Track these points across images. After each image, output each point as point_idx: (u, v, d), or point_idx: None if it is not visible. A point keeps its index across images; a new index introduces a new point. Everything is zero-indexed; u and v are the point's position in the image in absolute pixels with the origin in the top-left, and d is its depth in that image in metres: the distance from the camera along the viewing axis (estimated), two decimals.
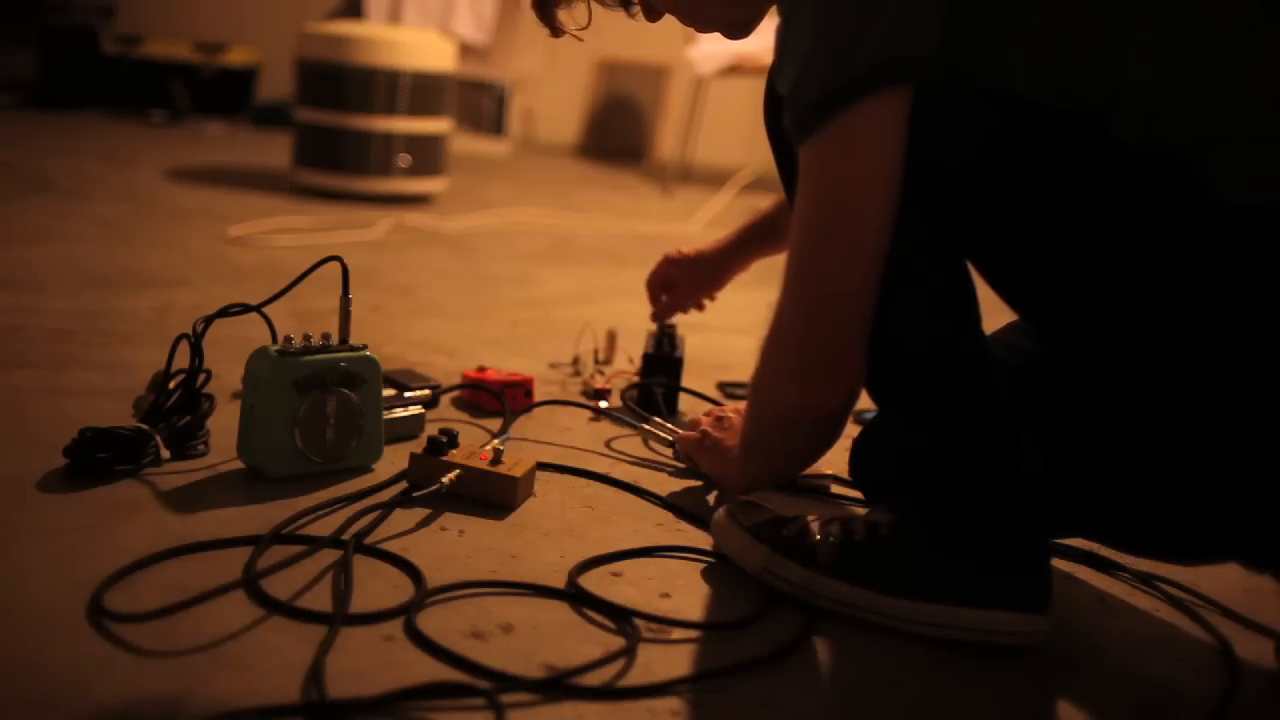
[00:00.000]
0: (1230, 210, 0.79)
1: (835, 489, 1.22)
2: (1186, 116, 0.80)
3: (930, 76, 0.84)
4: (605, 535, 1.04)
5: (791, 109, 0.87)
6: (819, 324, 0.89)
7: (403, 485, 1.09)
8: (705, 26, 1.07)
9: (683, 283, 1.47)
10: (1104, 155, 0.82)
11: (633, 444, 1.32)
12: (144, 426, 1.08)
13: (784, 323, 0.91)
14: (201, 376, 1.13)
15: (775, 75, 0.91)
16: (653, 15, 1.06)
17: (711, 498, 1.17)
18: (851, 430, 1.12)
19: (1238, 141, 0.80)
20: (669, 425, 1.31)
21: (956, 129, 0.85)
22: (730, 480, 1.12)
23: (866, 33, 0.82)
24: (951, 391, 0.89)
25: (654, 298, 1.50)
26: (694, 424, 1.23)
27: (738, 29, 1.05)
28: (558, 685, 0.77)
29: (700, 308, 1.52)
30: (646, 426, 1.32)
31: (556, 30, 1.05)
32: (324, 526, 0.98)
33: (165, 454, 1.08)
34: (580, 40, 1.03)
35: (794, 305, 0.90)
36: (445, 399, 1.41)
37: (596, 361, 1.61)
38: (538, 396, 1.42)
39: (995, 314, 0.96)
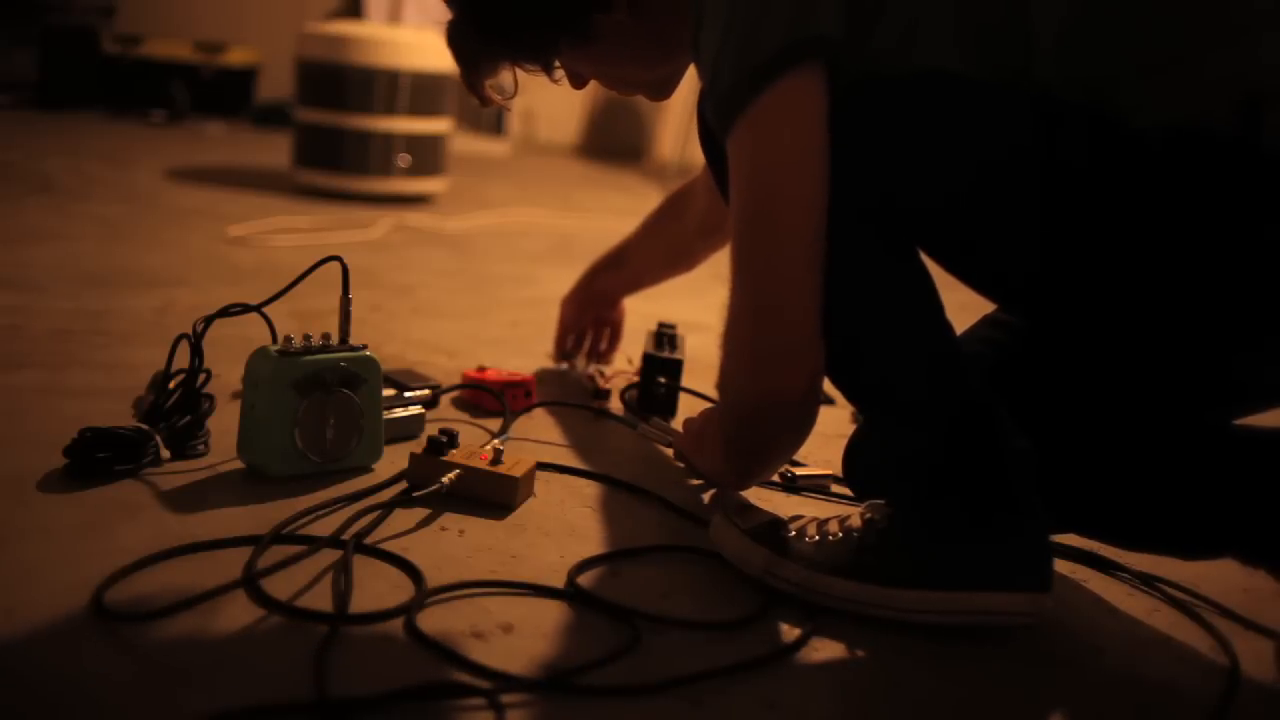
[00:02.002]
0: (1156, 138, 0.79)
1: (834, 489, 1.22)
2: (1097, 55, 0.81)
3: (848, 65, 0.85)
4: (605, 535, 1.04)
5: (711, 105, 0.89)
6: (767, 311, 0.89)
7: (403, 485, 1.09)
8: (628, 90, 1.12)
9: (566, 319, 1.58)
10: (1046, 118, 0.82)
11: (633, 444, 1.32)
12: (144, 426, 1.08)
13: (735, 315, 0.91)
14: (201, 376, 1.13)
15: (700, 99, 0.93)
16: (578, 82, 1.11)
17: (708, 496, 1.17)
18: (848, 430, 1.12)
19: (1150, 69, 0.80)
20: (668, 425, 1.31)
21: (894, 118, 0.86)
22: (719, 476, 1.12)
23: (768, 19, 0.84)
24: (924, 376, 0.90)
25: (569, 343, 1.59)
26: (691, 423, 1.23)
27: (656, 90, 1.11)
28: (558, 685, 0.77)
29: (611, 340, 1.62)
30: (646, 427, 1.32)
31: (485, 101, 1.07)
32: (324, 526, 0.98)
33: (165, 454, 1.08)
34: (509, 109, 1.06)
35: (741, 296, 0.90)
36: (445, 399, 1.41)
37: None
38: (538, 397, 1.42)
39: (968, 313, 0.97)
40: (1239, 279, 0.81)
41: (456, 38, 1.04)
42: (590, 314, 1.58)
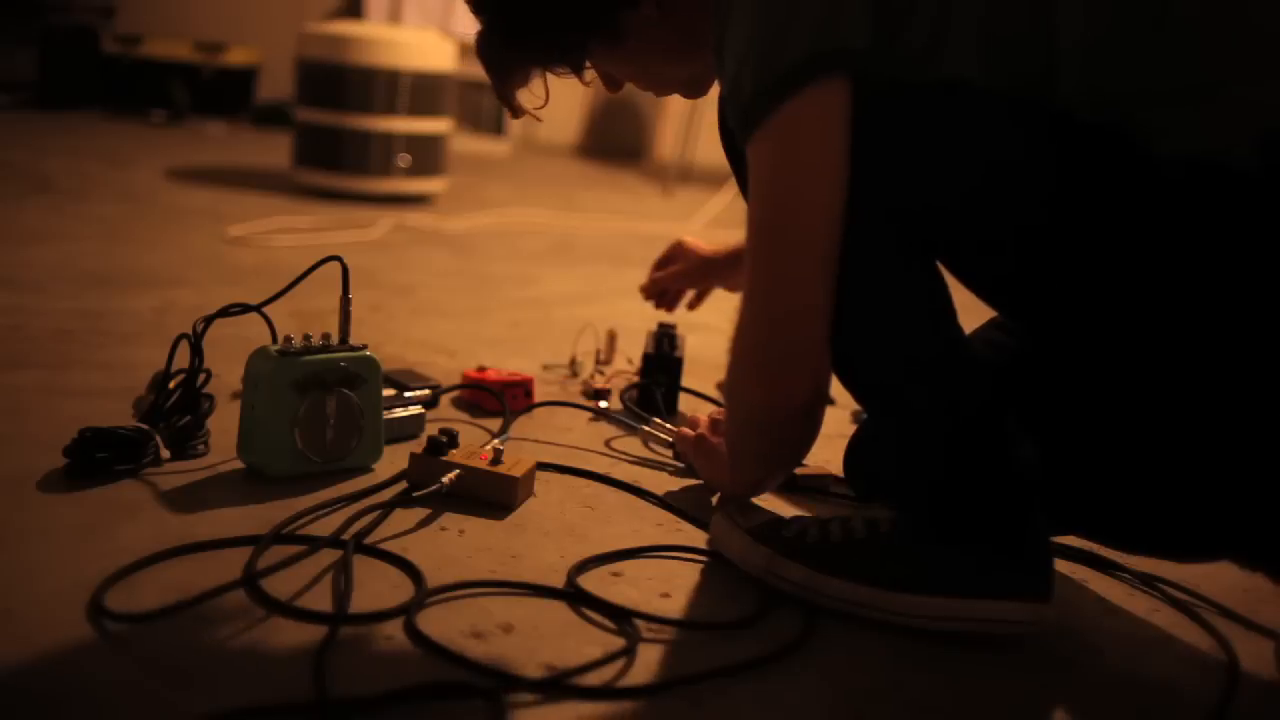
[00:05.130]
0: (1175, 167, 0.79)
1: (835, 489, 1.22)
2: (1120, 76, 0.81)
3: (872, 69, 0.84)
4: (605, 535, 1.04)
5: (733, 112, 0.88)
6: (778, 320, 0.89)
7: (403, 485, 1.09)
8: (664, 89, 1.10)
9: (683, 271, 1.51)
10: (1064, 136, 0.82)
11: (633, 444, 1.32)
12: (144, 426, 1.08)
13: (745, 322, 0.91)
14: (201, 376, 1.13)
15: (721, 99, 0.92)
16: (613, 85, 1.09)
17: (713, 498, 1.17)
18: (849, 430, 1.12)
19: (1173, 96, 0.80)
20: (668, 425, 1.31)
21: (914, 127, 0.85)
22: (724, 485, 1.12)
23: (794, 28, 0.83)
24: (929, 380, 0.89)
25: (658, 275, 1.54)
26: (693, 422, 1.23)
27: (692, 87, 1.08)
28: (558, 685, 0.77)
29: (690, 300, 1.56)
30: (646, 427, 1.32)
31: (518, 112, 1.06)
32: (324, 526, 0.98)
33: (165, 454, 1.08)
34: (540, 120, 1.05)
35: (753, 303, 0.90)
36: (445, 399, 1.41)
37: (597, 362, 1.61)
38: (537, 397, 1.42)
39: (971, 314, 0.96)
40: (1251, 312, 0.81)
41: (486, 47, 1.04)
42: (702, 284, 1.54)
